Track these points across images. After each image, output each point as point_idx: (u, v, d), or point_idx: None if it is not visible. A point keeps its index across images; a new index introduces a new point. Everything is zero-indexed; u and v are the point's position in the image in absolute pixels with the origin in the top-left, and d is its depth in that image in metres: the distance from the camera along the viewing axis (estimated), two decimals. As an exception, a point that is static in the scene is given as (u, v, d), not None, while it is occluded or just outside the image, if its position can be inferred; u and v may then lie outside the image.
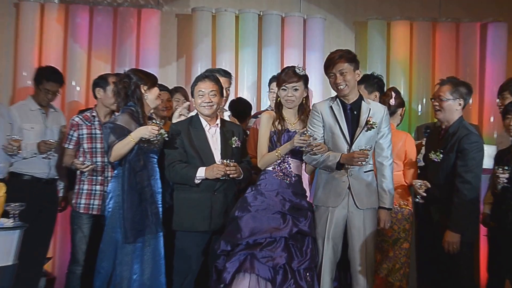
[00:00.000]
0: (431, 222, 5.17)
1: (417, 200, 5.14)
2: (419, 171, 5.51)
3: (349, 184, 4.93)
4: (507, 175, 5.07)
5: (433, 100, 5.33)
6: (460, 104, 5.15)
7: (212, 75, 5.36)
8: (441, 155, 5.06)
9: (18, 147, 5.56)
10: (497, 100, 6.00)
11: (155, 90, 5.19)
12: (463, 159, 4.98)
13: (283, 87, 5.09)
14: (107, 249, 5.04)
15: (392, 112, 5.71)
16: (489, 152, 7.14)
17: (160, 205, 5.06)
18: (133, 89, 5.08)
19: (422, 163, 5.51)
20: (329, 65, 4.96)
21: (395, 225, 5.38)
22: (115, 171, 5.10)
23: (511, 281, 5.27)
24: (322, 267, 4.92)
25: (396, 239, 5.42)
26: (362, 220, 4.94)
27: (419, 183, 5.11)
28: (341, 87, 4.93)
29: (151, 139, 4.86)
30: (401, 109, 5.83)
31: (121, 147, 4.88)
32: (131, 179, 4.94)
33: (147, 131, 4.84)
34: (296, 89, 5.08)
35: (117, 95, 5.13)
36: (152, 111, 5.33)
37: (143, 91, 5.10)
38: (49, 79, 5.97)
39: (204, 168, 5.03)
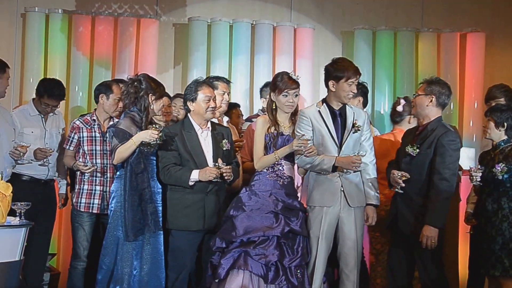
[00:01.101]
0: (396, 215, 5.06)
1: (396, 190, 5.00)
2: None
3: (341, 184, 4.93)
4: (479, 174, 4.98)
5: None
6: (431, 101, 4.99)
7: (208, 81, 5.37)
8: (417, 150, 4.94)
9: (25, 153, 5.52)
10: (492, 104, 5.62)
11: (161, 102, 5.15)
12: (442, 156, 4.86)
13: (284, 94, 5.04)
14: (109, 246, 5.05)
15: (400, 118, 5.85)
16: (468, 155, 7.19)
17: (160, 205, 5.05)
18: (141, 94, 5.04)
19: None
20: (354, 74, 4.94)
21: None
22: (118, 173, 5.10)
23: (489, 278, 5.19)
24: (315, 264, 4.91)
25: None
26: (353, 218, 4.95)
27: (399, 174, 4.96)
28: (352, 95, 5.01)
29: (151, 142, 4.84)
30: (409, 116, 5.83)
31: (123, 150, 4.88)
32: (132, 181, 4.94)
33: (148, 135, 4.82)
34: (296, 95, 5.07)
35: (126, 96, 5.08)
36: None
37: (150, 100, 5.07)
38: (49, 95, 5.79)
39: (198, 170, 5.00)
